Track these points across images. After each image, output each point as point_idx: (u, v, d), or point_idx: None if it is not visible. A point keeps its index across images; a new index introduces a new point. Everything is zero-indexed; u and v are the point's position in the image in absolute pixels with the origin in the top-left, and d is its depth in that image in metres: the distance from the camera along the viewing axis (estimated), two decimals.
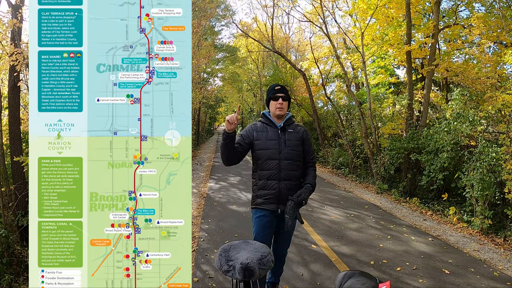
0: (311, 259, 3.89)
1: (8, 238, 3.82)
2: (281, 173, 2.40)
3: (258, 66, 23.25)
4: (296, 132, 2.51)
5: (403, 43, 9.37)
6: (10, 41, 4.93)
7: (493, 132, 6.98)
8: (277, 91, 2.48)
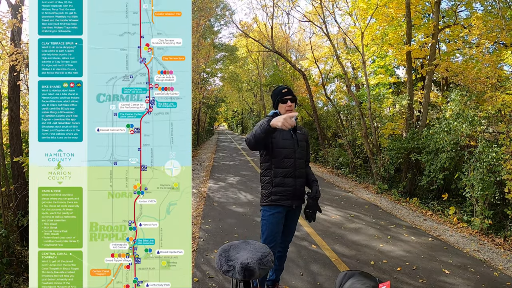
0: (311, 259, 3.89)
1: (8, 238, 3.81)
2: (296, 171, 2.57)
3: (258, 66, 23.27)
4: (303, 133, 2.73)
5: (403, 43, 9.38)
6: (10, 41, 4.93)
7: (493, 132, 6.98)
8: (285, 93, 2.57)
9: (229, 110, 49.01)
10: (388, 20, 9.97)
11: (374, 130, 9.65)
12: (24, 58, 4.28)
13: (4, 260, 3.60)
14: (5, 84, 6.02)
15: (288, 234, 2.77)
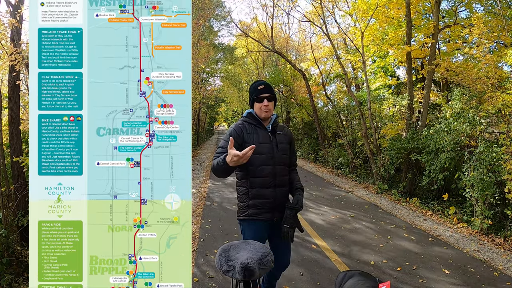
0: (311, 259, 3.88)
1: (8, 238, 3.81)
2: (276, 179, 2.20)
3: (258, 66, 23.25)
4: (285, 134, 2.33)
5: (403, 43, 9.37)
6: (9, 41, 4.93)
7: (493, 132, 6.97)
8: (260, 91, 2.20)
9: (229, 110, 48.98)
10: (388, 20, 9.97)
11: (374, 130, 9.65)
12: (23, 58, 4.27)
13: (4, 260, 3.59)
14: (5, 84, 6.02)
15: (281, 254, 2.31)
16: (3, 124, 5.32)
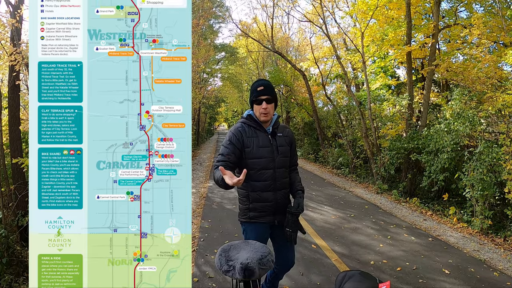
0: (311, 259, 3.89)
1: (8, 238, 3.81)
2: (276, 183, 2.19)
3: (258, 66, 23.25)
4: (286, 135, 2.29)
5: (403, 43, 9.38)
6: (9, 41, 4.93)
7: (493, 132, 6.98)
8: (260, 92, 2.14)
9: (229, 110, 48.99)
10: (388, 21, 9.97)
11: (374, 131, 9.65)
12: (23, 58, 4.27)
13: (4, 260, 3.59)
14: (5, 84, 6.02)
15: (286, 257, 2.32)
16: (3, 124, 5.32)
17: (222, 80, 27.09)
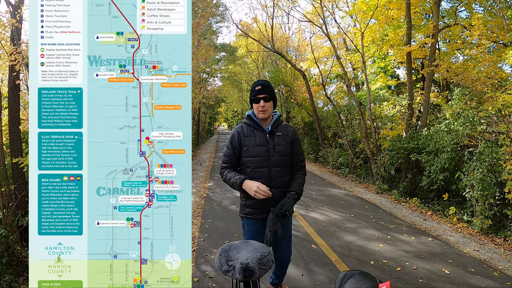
0: (311, 259, 3.89)
1: (8, 238, 3.81)
2: (272, 181, 2.22)
3: (258, 66, 23.25)
4: (286, 135, 2.31)
5: (403, 43, 9.38)
6: (9, 41, 4.93)
7: (493, 132, 6.98)
8: (257, 91, 2.22)
9: (229, 110, 49.00)
10: (388, 21, 9.98)
11: (374, 131, 9.65)
12: (23, 58, 4.27)
13: (4, 260, 3.60)
14: (5, 84, 6.02)
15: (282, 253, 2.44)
16: (3, 124, 5.33)
17: (222, 80, 27.09)
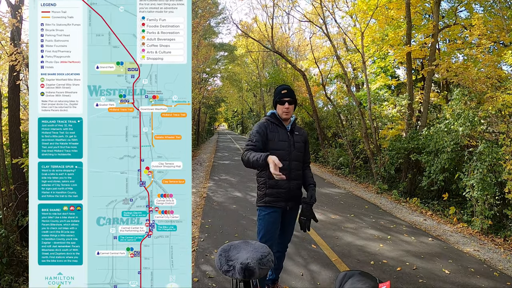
0: (311, 259, 3.89)
1: (8, 238, 3.81)
2: (291, 173, 2.52)
3: (258, 66, 23.26)
4: (301, 134, 2.68)
5: (403, 43, 9.38)
6: (9, 41, 4.93)
7: (493, 132, 6.98)
8: (283, 95, 2.56)
9: (229, 110, 49.01)
10: (388, 21, 9.98)
11: (374, 131, 9.65)
12: (23, 58, 4.27)
13: (4, 260, 3.60)
14: (5, 84, 6.02)
15: (286, 235, 2.77)
16: (3, 124, 5.33)
17: (222, 79, 27.11)
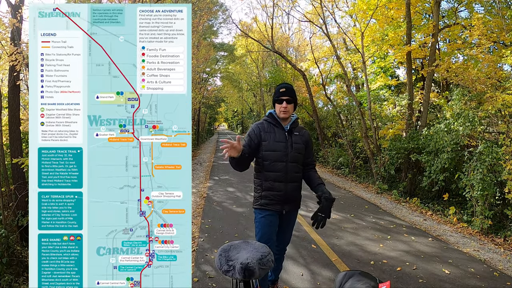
0: (311, 259, 3.89)
1: (8, 238, 3.82)
2: (287, 175, 2.44)
3: (258, 66, 23.26)
4: (302, 135, 2.55)
5: (403, 43, 9.38)
6: (10, 41, 4.93)
7: (493, 132, 6.98)
8: (281, 93, 2.46)
9: (229, 110, 49.03)
10: (388, 20, 9.97)
11: (374, 131, 9.65)
12: (23, 58, 4.27)
13: (4, 260, 3.60)
14: (5, 84, 6.02)
15: (284, 237, 2.68)
16: (3, 124, 5.33)
17: (221, 79, 27.11)
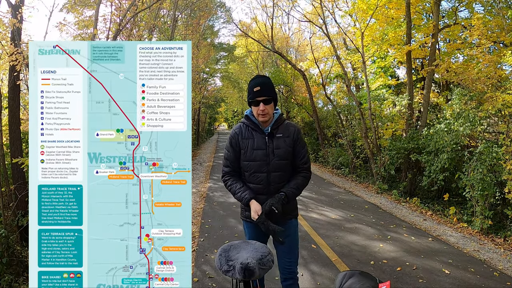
0: (311, 259, 3.89)
1: (8, 238, 3.82)
2: (270, 187, 2.09)
3: (258, 66, 23.24)
4: (287, 136, 2.11)
5: (403, 43, 9.38)
6: (10, 41, 4.93)
7: (493, 132, 6.98)
8: (256, 94, 2.01)
9: (229, 110, 49.00)
10: (388, 20, 9.97)
11: (374, 131, 9.65)
12: (24, 58, 4.27)
13: (4, 260, 3.60)
14: (5, 84, 6.02)
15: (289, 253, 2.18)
16: (3, 124, 5.33)
17: (221, 79, 27.10)
